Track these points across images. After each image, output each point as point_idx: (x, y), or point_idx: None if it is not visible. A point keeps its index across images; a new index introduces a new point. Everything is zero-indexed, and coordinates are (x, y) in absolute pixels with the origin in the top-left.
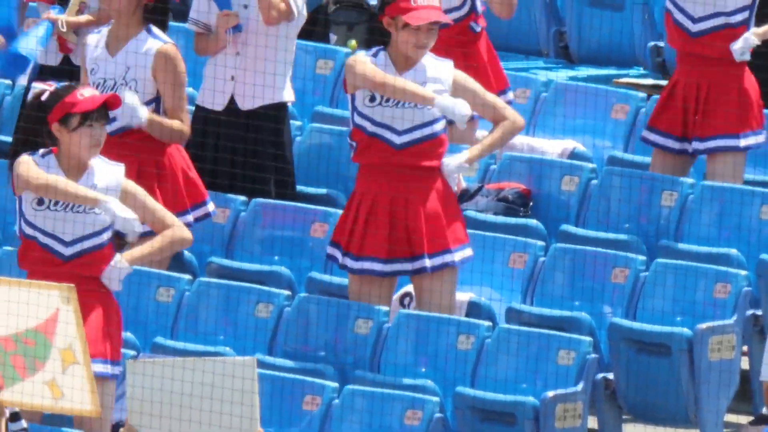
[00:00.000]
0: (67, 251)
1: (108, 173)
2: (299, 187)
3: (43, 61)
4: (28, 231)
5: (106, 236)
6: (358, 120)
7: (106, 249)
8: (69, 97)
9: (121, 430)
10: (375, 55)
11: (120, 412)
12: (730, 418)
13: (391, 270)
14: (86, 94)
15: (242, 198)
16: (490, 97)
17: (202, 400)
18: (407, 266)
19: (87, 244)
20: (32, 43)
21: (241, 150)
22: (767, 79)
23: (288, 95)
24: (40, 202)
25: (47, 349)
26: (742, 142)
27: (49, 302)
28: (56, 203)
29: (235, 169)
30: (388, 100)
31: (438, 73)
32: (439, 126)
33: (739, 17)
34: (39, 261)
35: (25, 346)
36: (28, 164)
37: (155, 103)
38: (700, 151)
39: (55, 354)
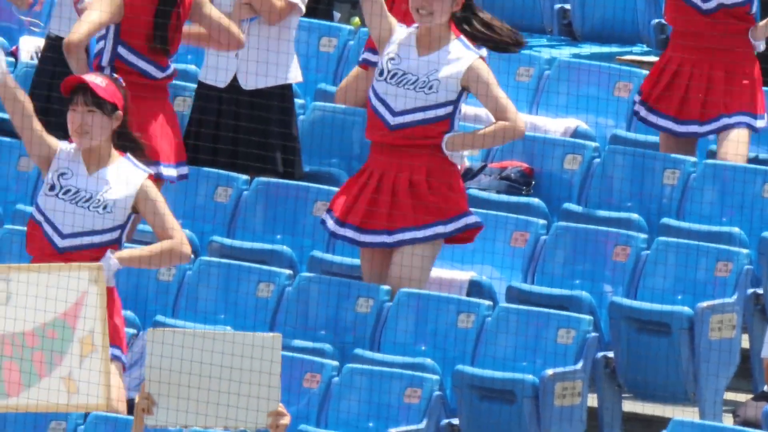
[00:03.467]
0: (62, 243)
1: (128, 174)
2: None
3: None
4: (36, 215)
5: (108, 237)
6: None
7: (103, 250)
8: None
9: (137, 396)
10: (408, 29)
11: (127, 391)
12: (730, 396)
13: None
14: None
15: (244, 177)
16: (501, 93)
17: (222, 372)
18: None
19: (85, 240)
20: None
21: (245, 129)
22: None
23: (294, 75)
24: (52, 187)
25: (68, 339)
26: (759, 123)
27: (79, 285)
28: (66, 191)
29: (239, 148)
30: (393, 77)
31: (458, 61)
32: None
33: None
34: (38, 248)
35: (48, 340)
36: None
37: None
38: (730, 125)
39: (75, 344)
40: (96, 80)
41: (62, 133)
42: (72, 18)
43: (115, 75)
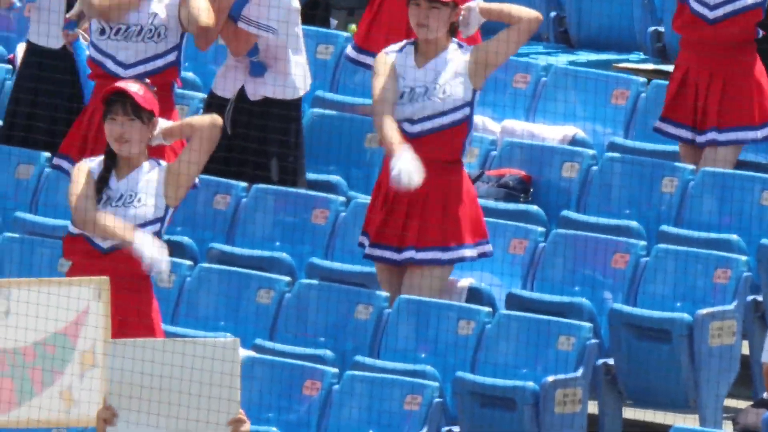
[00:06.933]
0: (106, 244)
1: (151, 174)
2: None
3: (44, 43)
4: (72, 229)
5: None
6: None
7: None
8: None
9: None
10: (401, 49)
11: None
12: (730, 403)
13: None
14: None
15: (243, 184)
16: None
17: (182, 382)
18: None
19: None
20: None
21: (247, 137)
22: None
23: (293, 92)
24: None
25: (68, 354)
26: (760, 134)
27: (80, 300)
28: (99, 199)
29: (238, 156)
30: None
31: (457, 65)
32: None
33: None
34: (80, 252)
35: (47, 355)
36: (73, 181)
37: (177, 51)
38: (719, 142)
39: (76, 359)
40: (133, 88)
41: (48, 139)
42: (51, 24)
43: (147, 80)
